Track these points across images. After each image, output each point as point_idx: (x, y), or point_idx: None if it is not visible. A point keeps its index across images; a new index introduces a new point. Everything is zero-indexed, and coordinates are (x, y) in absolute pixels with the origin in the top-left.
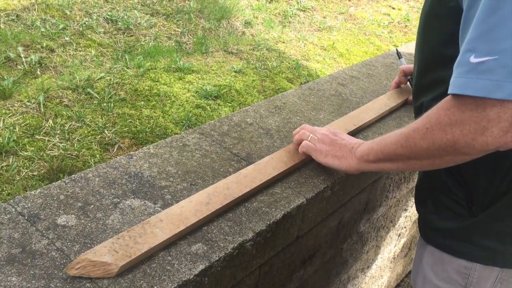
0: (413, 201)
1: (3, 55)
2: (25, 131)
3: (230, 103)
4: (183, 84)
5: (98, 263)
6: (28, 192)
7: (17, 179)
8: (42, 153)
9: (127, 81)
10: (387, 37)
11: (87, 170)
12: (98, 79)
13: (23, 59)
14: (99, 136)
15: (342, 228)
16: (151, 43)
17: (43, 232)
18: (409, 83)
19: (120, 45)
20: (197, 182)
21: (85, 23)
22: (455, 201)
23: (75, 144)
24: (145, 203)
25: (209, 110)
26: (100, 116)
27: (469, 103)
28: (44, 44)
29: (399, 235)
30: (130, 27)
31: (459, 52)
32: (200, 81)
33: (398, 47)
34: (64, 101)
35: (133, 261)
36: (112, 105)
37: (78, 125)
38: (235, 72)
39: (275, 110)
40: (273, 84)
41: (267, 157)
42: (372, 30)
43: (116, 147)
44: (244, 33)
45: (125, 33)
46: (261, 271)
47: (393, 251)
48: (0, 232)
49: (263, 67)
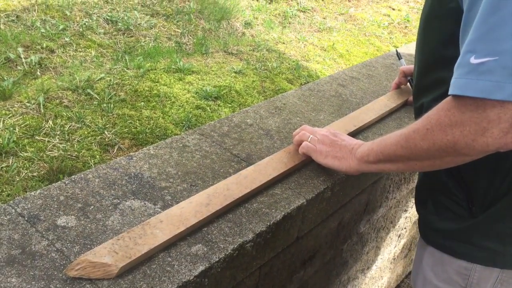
0: (413, 202)
1: (3, 55)
2: (25, 132)
3: (230, 104)
4: (183, 85)
5: (98, 264)
6: (28, 193)
7: (17, 180)
8: (42, 154)
9: (127, 82)
10: (387, 38)
11: (87, 171)
12: (98, 79)
13: (23, 60)
14: (99, 137)
15: (342, 229)
16: (151, 43)
17: (43, 233)
18: (409, 84)
19: (120, 46)
20: (197, 183)
21: (85, 23)
22: (455, 202)
23: (75, 145)
24: (145, 204)
25: (209, 111)
26: (100, 117)
27: (469, 104)
28: (44, 45)
29: (399, 236)
30: (130, 27)
31: (459, 53)
32: (200, 82)
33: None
34: (64, 102)
35: (133, 262)
36: (112, 106)
37: (78, 126)
38: (235, 73)
39: (275, 111)
40: (273, 85)
41: (267, 158)
42: (372, 31)
43: (116, 148)
44: (244, 33)
45: (125, 34)
46: (261, 272)
47: (393, 252)
48: (0, 233)
49: (263, 68)
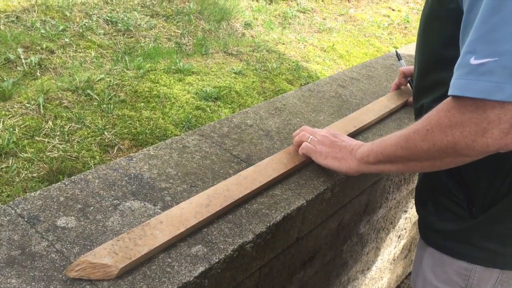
0: (413, 202)
1: (3, 56)
2: (25, 132)
3: (230, 104)
4: (183, 85)
5: (98, 265)
6: (27, 194)
7: (17, 180)
8: (41, 154)
9: (127, 83)
10: (387, 39)
11: (87, 171)
12: (98, 80)
13: (23, 61)
14: (99, 138)
15: (342, 229)
16: (151, 44)
17: (43, 234)
18: (409, 84)
19: (120, 47)
20: (197, 183)
21: (85, 24)
22: (455, 202)
23: (74, 146)
24: (145, 204)
25: (209, 111)
26: (100, 118)
27: (469, 105)
28: (44, 46)
29: (399, 237)
30: (130, 28)
31: (460, 54)
32: (200, 83)
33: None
34: (64, 102)
35: (133, 263)
36: (112, 106)
37: (77, 126)
38: (235, 73)
39: (275, 112)
40: (273, 86)
41: (267, 158)
42: (372, 32)
43: (116, 148)
44: (244, 34)
45: (125, 35)
46: (261, 273)
47: (393, 253)
48: (0, 234)
49: (263, 68)
